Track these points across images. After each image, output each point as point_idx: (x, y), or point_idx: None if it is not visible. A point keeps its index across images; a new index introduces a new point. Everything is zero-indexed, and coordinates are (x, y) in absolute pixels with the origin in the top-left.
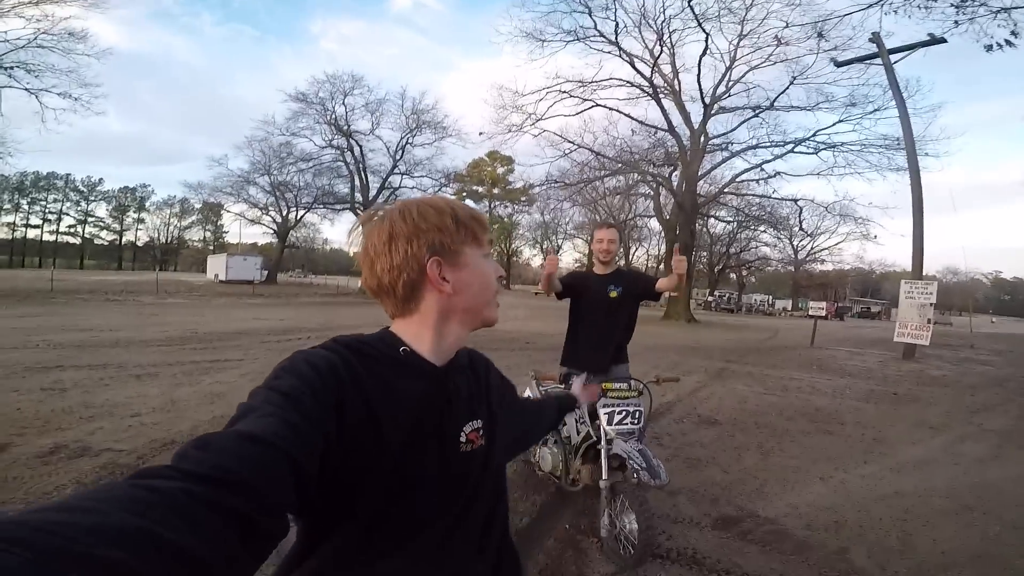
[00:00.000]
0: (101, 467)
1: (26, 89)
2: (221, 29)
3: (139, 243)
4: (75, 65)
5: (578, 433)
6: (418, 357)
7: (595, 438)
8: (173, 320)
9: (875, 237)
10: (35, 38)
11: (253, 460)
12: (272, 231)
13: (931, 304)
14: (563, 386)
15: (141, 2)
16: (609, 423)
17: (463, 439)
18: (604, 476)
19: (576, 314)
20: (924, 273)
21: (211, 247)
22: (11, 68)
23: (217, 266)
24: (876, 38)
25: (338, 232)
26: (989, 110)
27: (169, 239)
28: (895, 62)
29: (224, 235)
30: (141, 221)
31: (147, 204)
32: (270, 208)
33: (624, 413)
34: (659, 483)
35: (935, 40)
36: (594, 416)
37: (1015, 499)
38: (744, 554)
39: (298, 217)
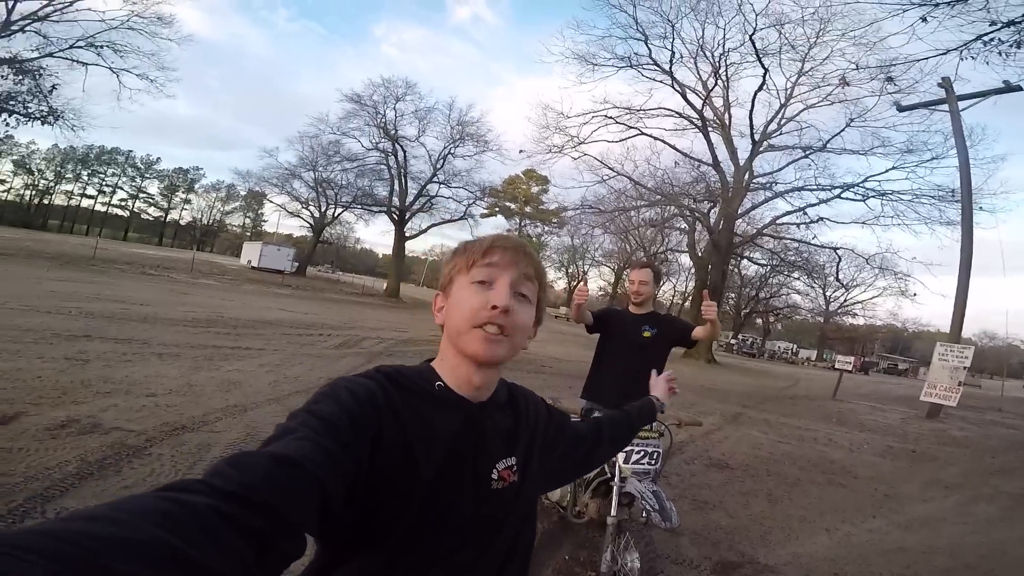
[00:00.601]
0: (108, 446)
1: (109, 68)
2: (293, 25)
3: (182, 222)
4: (157, 48)
5: None
6: (452, 393)
7: (609, 474)
8: (201, 301)
9: (914, 295)
10: (128, 19)
11: (282, 483)
12: (309, 225)
13: (965, 368)
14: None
15: None
16: (626, 461)
17: (495, 476)
18: (613, 513)
19: (604, 349)
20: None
21: (248, 233)
22: (101, 47)
23: (251, 252)
24: (946, 83)
25: (370, 233)
26: None
27: (211, 221)
28: (963, 109)
29: (263, 223)
30: (188, 201)
31: (196, 186)
32: (310, 203)
33: (642, 453)
34: (669, 525)
35: (1011, 88)
36: None
37: (1018, 559)
38: None
39: (335, 214)
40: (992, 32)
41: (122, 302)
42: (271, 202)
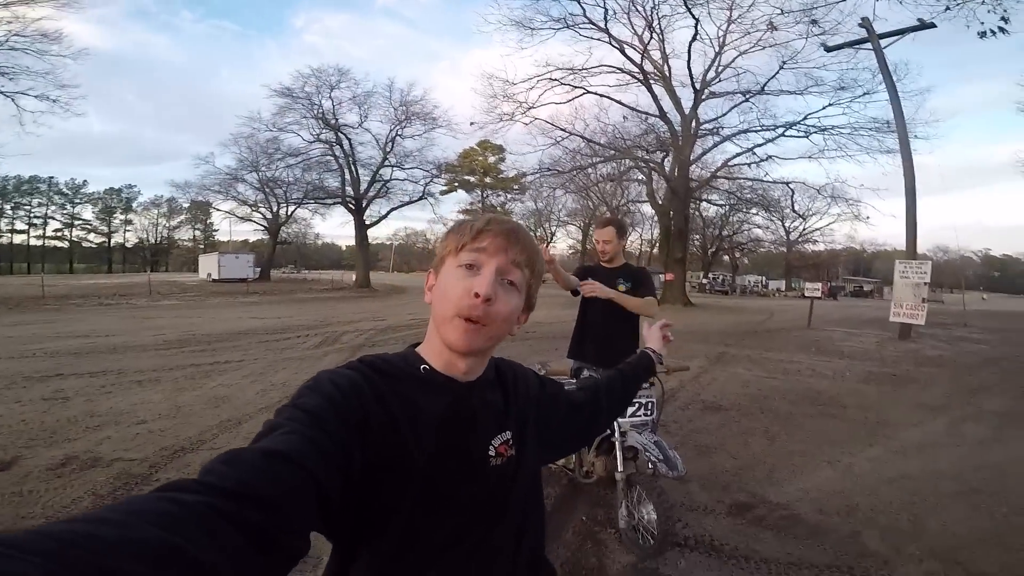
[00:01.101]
0: (115, 477)
1: (0, 92)
2: (201, 26)
3: (128, 244)
4: (51, 66)
5: None
6: (438, 375)
7: (609, 430)
8: (169, 323)
9: (867, 218)
10: (6, 40)
11: (276, 477)
12: (263, 228)
13: (925, 283)
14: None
15: (117, 1)
16: (622, 415)
17: (492, 453)
18: (620, 468)
19: (586, 307)
20: (917, 252)
21: (202, 246)
22: None
23: (209, 265)
24: (866, 23)
25: (329, 227)
26: (977, 94)
27: (159, 239)
28: (885, 47)
29: (214, 233)
30: (129, 222)
31: (134, 205)
32: (260, 205)
33: (637, 405)
34: (676, 474)
35: (925, 25)
36: None
37: (1020, 481)
38: (760, 540)
39: (289, 213)
40: None
41: (85, 336)
42: (218, 210)
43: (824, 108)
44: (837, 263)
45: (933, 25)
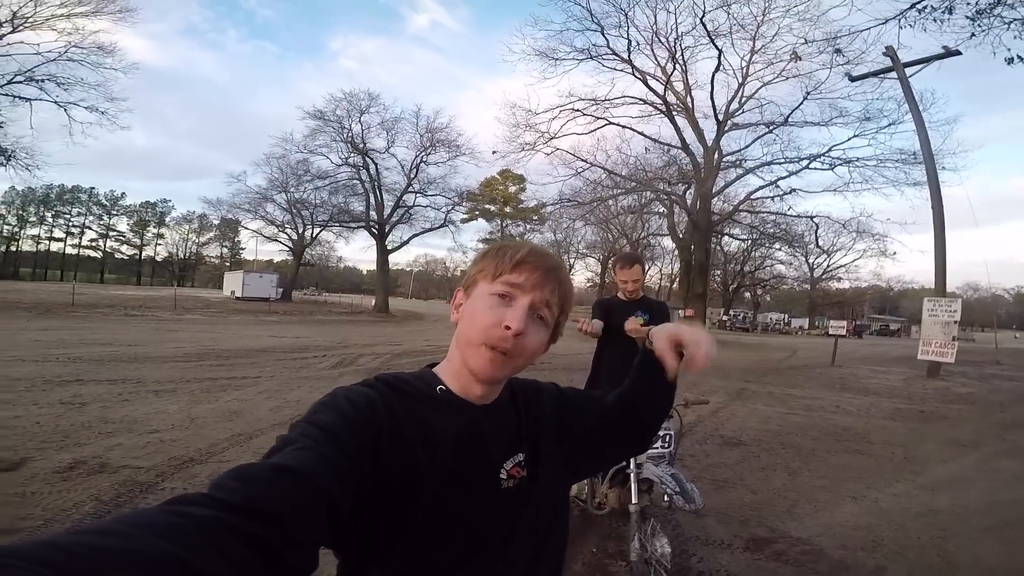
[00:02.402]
0: (120, 484)
1: (55, 102)
2: (245, 46)
3: (158, 258)
4: (103, 79)
5: None
6: (454, 397)
7: (624, 462)
8: (190, 336)
9: (894, 254)
10: (66, 51)
11: (286, 493)
12: (288, 248)
13: (955, 322)
14: None
15: (170, 17)
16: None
17: (504, 476)
18: (634, 500)
19: (603, 342)
20: (946, 290)
21: (228, 263)
22: (42, 81)
23: (234, 283)
24: (890, 51)
25: (352, 250)
26: (1004, 123)
27: (187, 255)
28: (910, 75)
29: (241, 251)
30: (161, 236)
31: (167, 219)
32: (286, 225)
33: (654, 437)
34: (694, 507)
35: (950, 52)
36: None
37: None
38: (779, 575)
39: (314, 235)
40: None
41: (109, 344)
42: (246, 228)
43: (849, 139)
44: (862, 301)
45: (958, 52)
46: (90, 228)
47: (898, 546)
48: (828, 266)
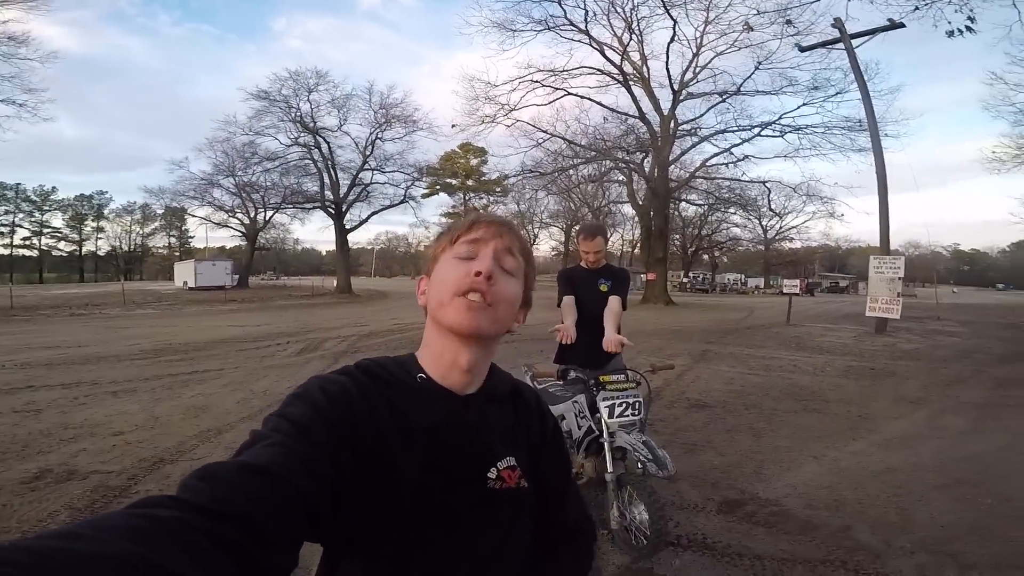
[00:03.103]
0: (92, 490)
1: None
2: (179, 29)
3: (100, 253)
4: (17, 70)
5: (579, 427)
6: (434, 384)
7: (597, 432)
8: (144, 332)
9: (842, 215)
10: None
11: (255, 492)
12: (240, 234)
13: (899, 278)
14: (561, 382)
15: (92, 4)
16: (610, 416)
17: (492, 475)
18: (610, 469)
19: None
20: (890, 248)
21: (177, 253)
22: None
23: (185, 273)
24: (838, 23)
25: (309, 232)
26: (945, 93)
27: (132, 247)
28: (856, 47)
29: (190, 240)
30: (101, 230)
31: (106, 212)
32: (237, 210)
33: (624, 405)
34: (666, 473)
35: (895, 25)
36: (594, 410)
37: (1001, 471)
38: (752, 536)
39: (267, 218)
40: None
41: (57, 347)
42: (193, 216)
43: (798, 108)
44: (813, 260)
45: (902, 25)
46: (21, 226)
47: (860, 504)
48: (781, 228)
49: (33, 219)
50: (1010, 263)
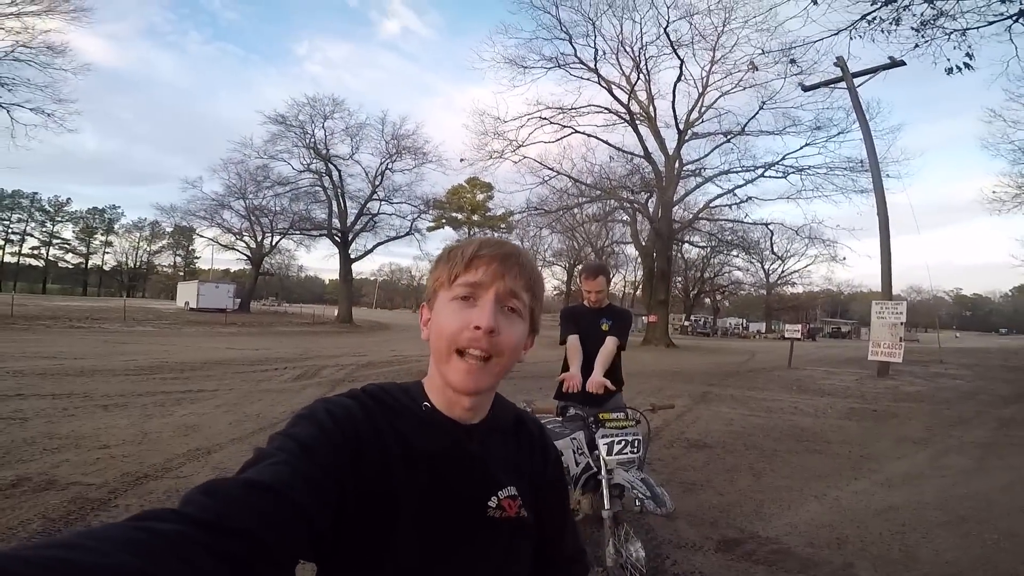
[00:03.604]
0: (69, 501)
1: None
2: (207, 48)
3: (106, 267)
4: (51, 80)
5: (576, 464)
6: (438, 414)
7: (595, 468)
8: (142, 349)
9: (844, 259)
10: (12, 51)
11: (258, 509)
12: (246, 257)
13: (901, 323)
14: (560, 419)
15: (130, 17)
16: (609, 453)
17: (493, 504)
18: (607, 505)
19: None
20: (892, 293)
21: (182, 273)
22: None
23: (188, 293)
24: (841, 62)
25: (313, 259)
26: (942, 131)
27: (138, 264)
28: (858, 85)
29: (195, 260)
30: (109, 244)
31: (116, 227)
32: (244, 233)
33: (623, 442)
34: (665, 511)
35: (896, 63)
36: (592, 447)
37: (1005, 508)
38: (751, 574)
39: (273, 243)
40: (874, 11)
41: (53, 358)
42: (201, 236)
43: (801, 148)
44: (815, 305)
45: (903, 63)
46: (32, 235)
47: (862, 542)
48: (782, 272)
49: (44, 229)
50: (1012, 308)
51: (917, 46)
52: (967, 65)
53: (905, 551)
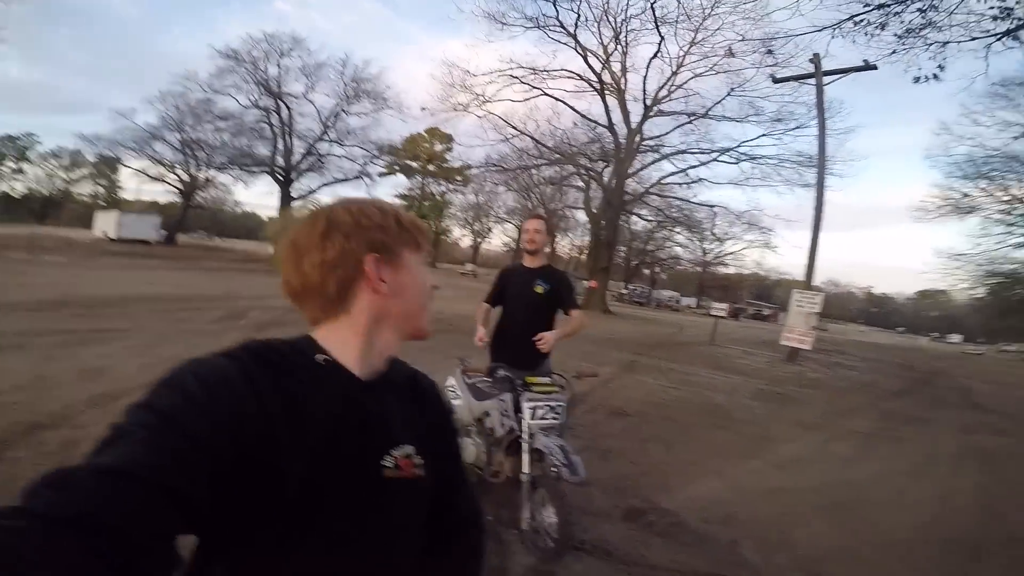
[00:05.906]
0: None
1: None
2: None
3: (14, 194)
4: None
5: (502, 426)
6: (339, 367)
7: (518, 432)
8: (47, 281)
9: (776, 247)
10: None
11: (116, 499)
12: (177, 190)
13: (816, 313)
14: (490, 379)
15: None
16: (532, 417)
17: (389, 464)
18: (526, 470)
19: (504, 307)
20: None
21: (104, 203)
22: None
23: (107, 222)
24: (815, 59)
25: (253, 195)
26: (894, 138)
27: (52, 192)
28: (827, 83)
29: (119, 191)
30: (20, 171)
31: (28, 154)
32: (177, 166)
33: (547, 408)
34: (577, 479)
35: (868, 66)
36: (518, 410)
37: (872, 498)
38: (648, 546)
39: (208, 177)
40: (864, 13)
41: None
42: (128, 167)
43: (758, 137)
44: (743, 286)
45: (875, 67)
46: None
47: (749, 521)
48: (719, 252)
49: None
50: (912, 310)
51: (895, 52)
52: (935, 76)
53: (783, 533)
